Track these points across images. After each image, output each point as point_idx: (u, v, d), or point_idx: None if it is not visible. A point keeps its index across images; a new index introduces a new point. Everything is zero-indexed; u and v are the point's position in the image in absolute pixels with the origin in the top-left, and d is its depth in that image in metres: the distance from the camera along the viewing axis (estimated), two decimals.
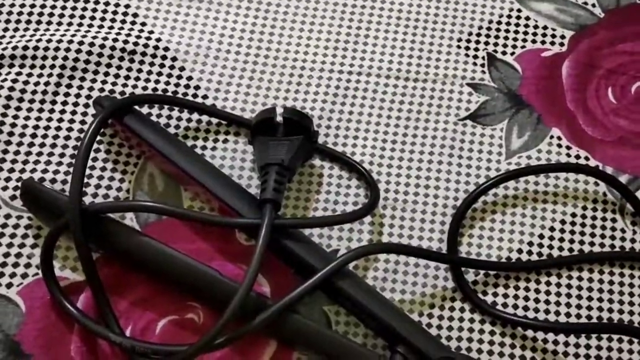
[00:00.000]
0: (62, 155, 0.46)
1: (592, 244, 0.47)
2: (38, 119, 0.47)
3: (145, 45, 0.49)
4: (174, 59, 0.49)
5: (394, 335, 0.42)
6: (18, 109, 0.47)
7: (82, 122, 0.47)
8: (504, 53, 0.52)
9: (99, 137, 0.47)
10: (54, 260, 0.43)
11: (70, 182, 0.41)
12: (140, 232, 0.44)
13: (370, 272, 0.46)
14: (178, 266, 0.42)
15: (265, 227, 0.41)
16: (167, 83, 0.49)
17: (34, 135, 0.46)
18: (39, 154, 0.46)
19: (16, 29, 0.49)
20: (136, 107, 0.47)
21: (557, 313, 0.45)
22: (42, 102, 0.47)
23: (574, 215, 0.48)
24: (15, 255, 0.44)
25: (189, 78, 0.49)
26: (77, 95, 0.48)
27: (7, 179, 0.45)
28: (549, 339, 0.45)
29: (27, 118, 0.47)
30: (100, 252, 0.44)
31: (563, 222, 0.48)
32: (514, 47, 0.52)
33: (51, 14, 0.50)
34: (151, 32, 0.50)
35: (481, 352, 0.44)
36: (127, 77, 0.49)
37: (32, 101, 0.47)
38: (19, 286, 0.43)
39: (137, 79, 0.49)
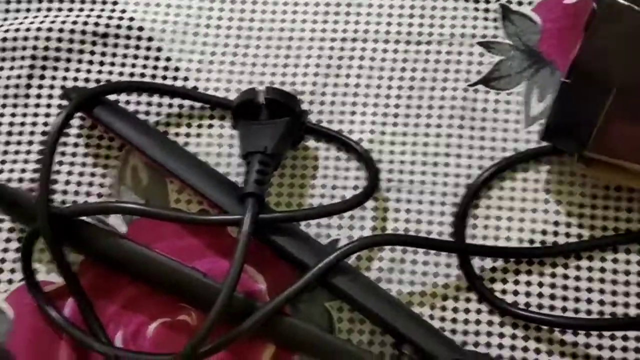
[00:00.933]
0: (40, 152, 0.44)
1: (628, 220, 0.42)
2: (13, 114, 0.45)
3: (119, 27, 0.46)
4: (149, 39, 0.46)
5: (398, 334, 0.39)
6: None
7: (58, 116, 0.45)
8: (519, 4, 0.47)
9: (77, 131, 0.45)
10: (40, 264, 0.43)
11: (38, 186, 0.40)
12: (117, 234, 0.42)
13: (374, 263, 0.42)
14: (159, 269, 0.41)
15: (246, 225, 0.38)
16: (145, 66, 0.46)
17: (9, 133, 0.45)
18: (17, 152, 0.45)
19: None
20: (110, 96, 0.44)
21: (602, 303, 0.41)
22: (16, 96, 0.46)
23: (607, 188, 0.43)
24: (0, 261, 0.43)
25: (168, 59, 0.46)
26: (51, 87, 0.46)
27: None
28: (580, 341, 0.41)
29: (1, 115, 0.45)
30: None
31: (594, 197, 0.43)
32: None
33: (19, 1, 0.48)
34: (123, 11, 0.47)
35: (502, 347, 0.41)
36: (101, 63, 0.46)
37: (5, 96, 0.46)
38: (5, 293, 0.42)
39: (112, 64, 0.46)
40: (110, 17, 0.47)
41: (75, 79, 0.46)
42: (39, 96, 0.46)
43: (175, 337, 0.42)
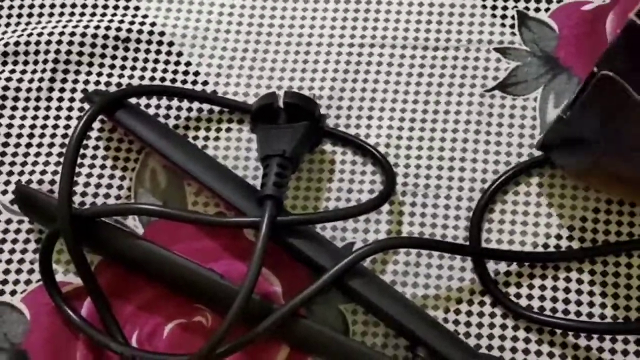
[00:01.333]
0: (60, 155, 0.46)
1: None
2: (34, 117, 0.47)
3: (140, 32, 0.48)
4: (170, 43, 0.48)
5: (413, 337, 0.40)
6: (14, 108, 0.47)
7: (80, 119, 0.47)
8: (537, 10, 0.48)
9: (97, 134, 0.47)
10: (58, 265, 0.44)
11: (59, 188, 0.41)
12: (136, 235, 0.44)
13: (389, 266, 0.44)
14: (177, 270, 0.42)
15: (265, 227, 0.40)
16: (165, 70, 0.48)
17: (31, 135, 0.47)
18: (37, 154, 0.46)
19: (7, 24, 0.49)
20: (130, 100, 0.46)
21: (615, 307, 0.42)
22: (38, 99, 0.47)
23: None
24: (18, 262, 0.44)
25: (188, 63, 0.48)
26: (73, 90, 0.48)
27: (6, 182, 0.46)
28: (593, 345, 0.42)
29: (23, 117, 0.47)
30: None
31: (609, 202, 0.44)
32: (549, 1, 0.48)
33: (42, 5, 0.50)
34: (145, 16, 0.49)
35: (515, 351, 0.42)
36: (122, 67, 0.48)
37: (27, 99, 0.48)
38: (22, 293, 0.44)
39: (134, 68, 0.48)
40: (132, 22, 0.49)
41: (97, 83, 0.48)
42: (60, 99, 0.47)
43: (190, 338, 0.43)
